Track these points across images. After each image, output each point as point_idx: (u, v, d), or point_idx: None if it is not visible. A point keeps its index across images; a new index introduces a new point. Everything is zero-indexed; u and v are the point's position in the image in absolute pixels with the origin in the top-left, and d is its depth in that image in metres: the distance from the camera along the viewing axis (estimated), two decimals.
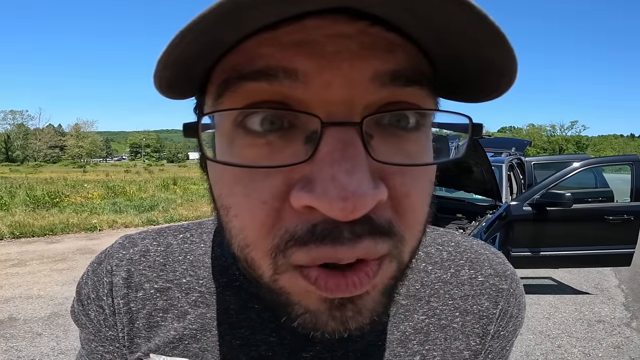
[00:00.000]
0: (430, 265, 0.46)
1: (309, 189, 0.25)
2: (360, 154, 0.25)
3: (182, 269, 0.44)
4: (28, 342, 3.20)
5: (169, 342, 0.42)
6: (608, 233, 3.95)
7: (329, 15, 0.25)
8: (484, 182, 3.55)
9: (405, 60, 0.27)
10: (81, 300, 0.46)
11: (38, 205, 9.47)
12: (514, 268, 0.49)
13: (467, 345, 0.44)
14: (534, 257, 4.03)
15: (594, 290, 4.68)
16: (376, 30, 0.26)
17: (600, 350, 3.19)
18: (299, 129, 0.27)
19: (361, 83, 0.26)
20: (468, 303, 0.45)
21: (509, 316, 0.46)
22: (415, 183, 0.28)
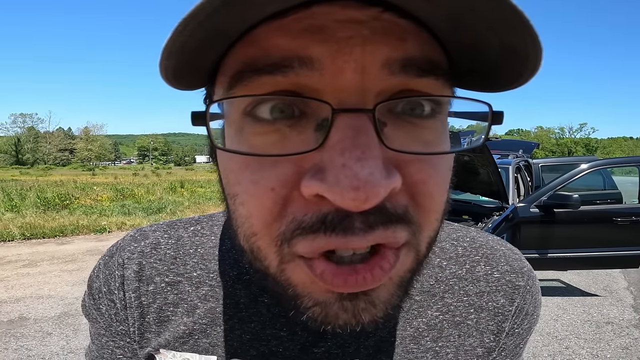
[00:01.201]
0: (445, 260, 0.45)
1: (320, 177, 0.24)
2: (373, 141, 0.24)
3: (192, 262, 0.44)
4: (38, 341, 3.24)
5: (179, 337, 0.42)
6: (616, 235, 3.92)
7: (338, 1, 0.24)
8: (490, 184, 3.54)
9: (418, 48, 0.26)
10: (92, 294, 0.46)
11: (48, 207, 9.61)
12: (530, 265, 0.48)
13: (481, 342, 0.43)
14: (541, 259, 4.00)
15: (602, 292, 4.63)
16: (388, 17, 0.25)
17: (608, 352, 3.17)
18: (310, 116, 0.26)
19: (373, 69, 0.25)
20: (483, 300, 0.44)
21: (525, 313, 0.45)
22: (432, 171, 0.28)
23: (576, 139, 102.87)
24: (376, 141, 0.25)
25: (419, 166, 0.27)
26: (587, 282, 5.02)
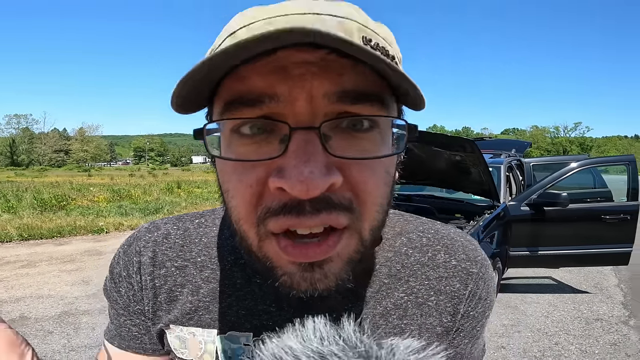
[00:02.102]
0: (410, 249, 0.51)
1: (280, 175, 0.33)
2: (317, 150, 0.33)
3: (197, 249, 0.51)
4: (40, 339, 3.28)
5: (186, 313, 0.49)
6: (605, 232, 3.98)
7: (295, 46, 0.32)
8: (481, 182, 3.61)
9: (353, 82, 0.34)
10: (113, 278, 0.53)
11: (45, 209, 9.61)
12: (485, 255, 0.54)
13: (440, 322, 0.50)
14: (532, 256, 4.07)
15: (593, 290, 4.71)
16: (332, 57, 0.33)
17: (597, 348, 3.23)
18: (276, 133, 0.35)
19: (318, 98, 0.34)
20: (442, 284, 0.50)
21: (478, 298, 0.51)
22: (370, 172, 0.36)
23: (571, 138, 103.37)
24: (320, 149, 0.33)
25: (359, 168, 0.35)
26: (579, 279, 5.10)
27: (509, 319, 3.77)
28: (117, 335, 0.54)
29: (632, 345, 3.27)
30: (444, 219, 3.81)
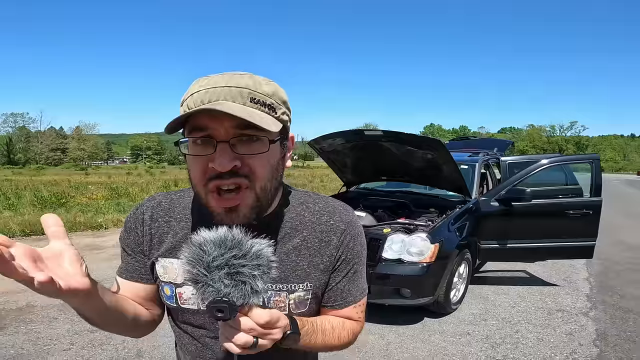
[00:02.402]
0: (307, 213, 0.82)
1: (212, 162, 0.65)
2: (227, 151, 0.65)
3: (177, 210, 0.83)
4: (46, 325, 3.51)
5: (168, 250, 0.80)
6: (570, 226, 4.25)
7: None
8: (452, 179, 3.91)
9: (245, 122, 0.64)
10: (126, 230, 0.84)
11: (45, 206, 9.85)
12: (357, 218, 0.85)
13: (322, 261, 0.79)
14: (501, 249, 4.33)
15: (562, 283, 4.96)
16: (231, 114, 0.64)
17: (553, 337, 3.44)
18: (211, 143, 0.66)
19: (228, 129, 0.66)
20: (324, 236, 0.79)
21: (346, 246, 0.80)
22: (257, 160, 0.68)
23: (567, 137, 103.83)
24: (229, 151, 0.66)
25: (251, 159, 0.68)
26: (550, 273, 5.37)
27: (478, 309, 4.04)
28: (125, 270, 0.84)
29: (587, 335, 3.47)
30: (420, 213, 4.12)
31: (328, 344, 0.79)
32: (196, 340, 0.83)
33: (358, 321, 0.87)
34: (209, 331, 0.81)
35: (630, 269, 5.65)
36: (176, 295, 0.80)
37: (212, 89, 0.67)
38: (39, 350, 3.03)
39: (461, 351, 3.15)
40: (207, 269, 0.56)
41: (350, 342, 0.86)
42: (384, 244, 3.44)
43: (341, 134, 3.99)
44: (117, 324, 0.75)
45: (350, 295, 0.83)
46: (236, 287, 0.56)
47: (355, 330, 0.86)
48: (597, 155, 4.47)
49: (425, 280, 3.39)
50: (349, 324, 0.84)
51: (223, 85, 0.67)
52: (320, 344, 0.78)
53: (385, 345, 3.24)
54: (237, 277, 0.56)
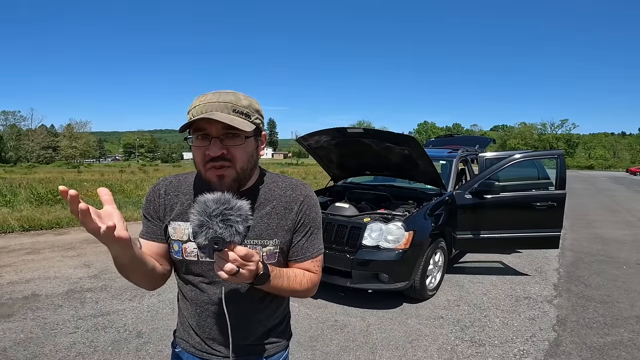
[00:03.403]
0: (277, 188, 1.11)
1: (208, 150, 0.98)
2: (218, 143, 0.98)
3: (184, 186, 1.11)
4: (51, 311, 3.73)
5: (177, 215, 1.08)
6: (537, 218, 4.57)
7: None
8: (428, 173, 4.23)
9: (229, 125, 0.97)
10: (147, 201, 1.12)
11: (42, 202, 10.02)
12: (313, 192, 1.16)
13: (286, 224, 1.08)
14: (475, 239, 4.63)
15: (533, 273, 5.27)
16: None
17: (516, 321, 3.70)
18: (208, 138, 0.99)
19: (219, 129, 0.98)
20: (288, 204, 1.09)
21: (303, 212, 1.10)
22: (238, 149, 1.00)
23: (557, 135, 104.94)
24: (219, 143, 0.99)
25: (234, 149, 1.00)
26: (524, 263, 5.70)
27: (453, 295, 4.36)
28: (145, 232, 1.14)
29: (547, 320, 3.73)
30: (399, 204, 4.44)
31: (292, 287, 1.08)
32: (195, 286, 1.11)
33: (316, 273, 1.14)
34: (204, 278, 1.09)
35: (600, 261, 6.00)
36: (182, 250, 1.08)
37: (208, 104, 0.98)
38: (47, 334, 3.27)
39: (433, 333, 3.46)
40: (208, 217, 0.85)
41: (310, 289, 1.13)
42: (364, 232, 3.75)
43: (326, 132, 4.29)
44: (141, 272, 1.03)
45: (309, 251, 1.12)
46: (226, 229, 0.84)
47: (314, 280, 1.13)
48: (562, 151, 4.82)
49: (401, 265, 3.70)
50: (308, 275, 1.12)
51: (214, 101, 0.98)
52: (286, 287, 1.04)
53: (365, 327, 3.56)
54: (227, 222, 0.85)
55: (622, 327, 3.64)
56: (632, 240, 7.59)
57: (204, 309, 1.11)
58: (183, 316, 1.18)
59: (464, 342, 3.30)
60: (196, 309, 1.13)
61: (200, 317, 1.12)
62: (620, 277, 5.19)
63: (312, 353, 3.07)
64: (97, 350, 3.02)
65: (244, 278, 0.89)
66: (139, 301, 4.01)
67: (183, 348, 1.18)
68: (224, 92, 1.01)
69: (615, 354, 3.13)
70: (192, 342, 1.15)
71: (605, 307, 4.13)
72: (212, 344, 1.13)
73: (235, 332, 1.07)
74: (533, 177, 5.26)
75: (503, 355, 3.09)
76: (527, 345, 3.25)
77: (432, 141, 7.83)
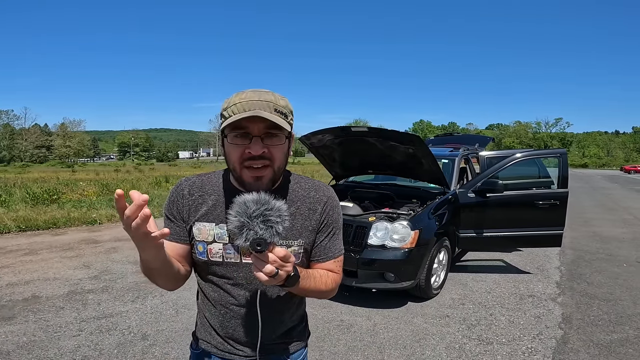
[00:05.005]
0: (300, 189, 1.11)
1: (249, 149, 0.96)
2: (259, 143, 0.97)
3: (208, 186, 1.09)
4: (53, 314, 3.67)
5: (202, 216, 1.06)
6: (540, 216, 4.57)
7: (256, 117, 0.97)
8: (432, 172, 4.21)
9: (272, 124, 0.97)
10: (170, 202, 1.09)
11: (37, 202, 9.91)
12: (334, 193, 1.15)
13: (311, 224, 1.09)
14: (477, 237, 4.63)
15: (535, 271, 5.28)
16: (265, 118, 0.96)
17: (522, 319, 3.71)
18: (248, 136, 0.97)
19: (261, 128, 0.97)
20: (312, 205, 1.09)
21: (327, 212, 1.11)
22: (277, 150, 0.99)
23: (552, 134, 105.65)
24: (260, 142, 0.97)
25: (274, 148, 0.99)
26: (525, 262, 5.72)
27: (458, 294, 4.36)
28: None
29: (553, 318, 3.74)
30: (402, 203, 4.42)
31: (318, 287, 1.07)
32: (219, 287, 1.10)
33: (337, 273, 1.15)
34: (228, 279, 1.08)
35: (600, 259, 6.03)
36: (207, 250, 1.07)
37: (250, 102, 0.95)
38: (50, 337, 3.21)
39: (440, 331, 3.46)
40: (249, 218, 0.83)
41: (334, 289, 1.13)
42: (369, 231, 3.73)
43: (329, 130, 4.26)
44: (168, 275, 1.02)
45: (331, 251, 1.13)
46: (267, 230, 0.82)
47: (337, 280, 1.15)
48: (564, 150, 4.83)
49: (406, 264, 3.69)
50: (332, 275, 1.12)
51: (256, 99, 0.96)
52: (313, 287, 1.05)
53: (372, 326, 3.54)
54: (267, 223, 0.83)
55: (627, 324, 3.66)
56: (630, 238, 7.64)
57: (228, 310, 1.11)
58: (204, 317, 1.17)
59: (471, 340, 3.30)
60: (220, 309, 1.12)
61: (224, 317, 1.12)
62: (622, 275, 5.22)
63: (319, 353, 3.05)
64: (103, 353, 2.98)
65: (281, 279, 0.88)
66: (142, 302, 3.97)
67: (204, 349, 1.17)
68: (263, 91, 1.00)
69: (622, 351, 3.14)
70: (214, 343, 1.15)
71: (608, 304, 4.14)
72: (235, 345, 1.13)
73: (262, 333, 1.08)
74: (534, 175, 5.26)
75: (511, 353, 3.09)
76: (535, 343, 3.25)
77: (432, 140, 7.83)
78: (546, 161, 5.17)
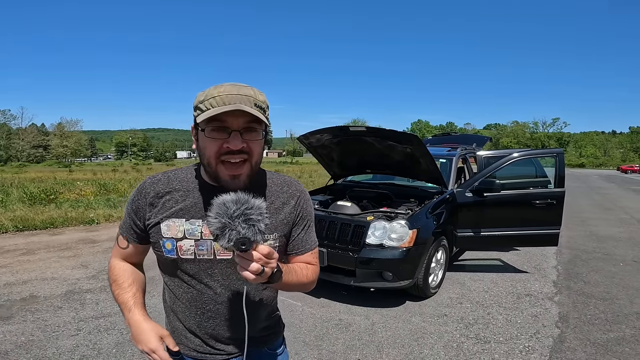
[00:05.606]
0: (273, 185, 1.13)
1: (227, 143, 0.95)
2: (238, 136, 0.96)
3: (175, 183, 1.07)
4: (52, 313, 3.67)
5: (171, 213, 1.03)
6: (536, 216, 4.59)
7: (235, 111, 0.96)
8: (430, 171, 4.22)
9: (252, 118, 0.96)
10: (133, 201, 1.07)
11: (35, 202, 9.87)
12: (304, 188, 1.18)
13: (285, 217, 1.11)
14: (475, 236, 4.64)
15: (532, 270, 5.30)
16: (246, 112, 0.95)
17: (520, 318, 3.73)
18: (226, 130, 0.95)
19: (240, 122, 0.95)
20: (286, 199, 1.12)
21: (301, 206, 1.14)
22: (254, 145, 0.99)
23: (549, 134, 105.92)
24: (239, 137, 0.96)
25: (253, 143, 0.99)
26: (522, 261, 5.74)
27: (455, 293, 4.37)
28: (129, 231, 1.11)
29: (550, 317, 3.76)
30: (400, 202, 4.44)
31: (300, 280, 1.09)
32: (191, 287, 1.08)
33: (316, 265, 1.19)
34: (202, 277, 1.06)
35: (596, 258, 6.05)
36: (177, 248, 1.04)
37: (230, 95, 0.94)
38: (48, 337, 3.21)
39: (438, 330, 3.47)
40: (230, 218, 0.82)
41: (314, 280, 1.17)
42: (367, 231, 3.74)
43: (328, 130, 4.27)
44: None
45: (308, 243, 1.16)
46: (249, 229, 0.82)
47: (316, 271, 1.18)
48: (561, 150, 4.84)
49: (404, 263, 3.70)
50: (311, 267, 1.16)
51: (236, 93, 0.94)
52: (295, 281, 1.07)
53: (370, 325, 3.55)
54: (249, 222, 0.83)
55: (624, 323, 3.68)
56: (627, 238, 7.68)
57: (205, 310, 1.08)
58: (176, 320, 1.13)
59: (469, 339, 3.31)
60: (196, 310, 1.09)
61: (202, 318, 1.09)
62: (618, 274, 5.24)
63: (318, 352, 3.06)
64: (102, 352, 2.98)
65: (266, 277, 0.88)
66: None
67: (184, 353, 1.13)
68: (242, 85, 0.99)
69: (619, 350, 3.16)
70: (193, 345, 1.12)
71: (605, 303, 4.16)
72: (215, 344, 1.11)
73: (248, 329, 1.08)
74: (531, 175, 5.28)
75: (509, 351, 3.11)
76: (532, 342, 3.26)
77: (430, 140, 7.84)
78: (543, 161, 5.19)
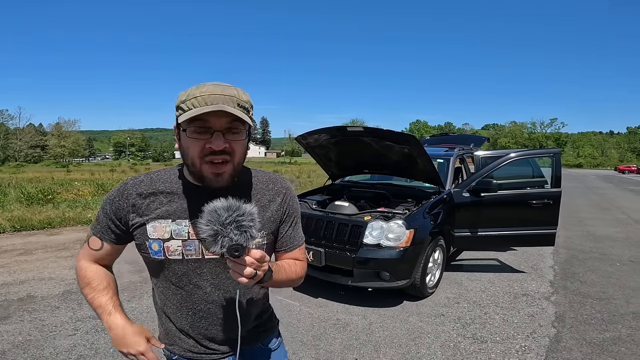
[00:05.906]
0: (259, 183, 1.13)
1: (210, 143, 0.94)
2: (221, 137, 0.95)
3: (158, 184, 1.05)
4: (49, 313, 3.66)
5: (156, 215, 1.02)
6: (533, 216, 4.60)
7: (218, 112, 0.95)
8: (427, 172, 4.23)
9: (234, 117, 0.95)
10: (112, 202, 1.04)
11: (32, 202, 9.85)
12: (290, 185, 1.19)
13: (272, 215, 1.12)
14: (472, 236, 4.65)
15: (529, 270, 5.31)
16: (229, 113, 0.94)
17: (516, 318, 3.74)
18: (209, 130, 0.95)
19: (222, 123, 0.95)
20: (272, 197, 1.12)
21: (287, 203, 1.15)
22: (238, 145, 0.99)
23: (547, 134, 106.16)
24: (222, 137, 0.95)
25: (235, 144, 0.98)
26: (519, 261, 5.75)
27: (452, 293, 4.38)
28: (105, 231, 1.08)
29: (546, 317, 3.77)
30: (398, 202, 4.45)
31: (290, 277, 1.12)
32: (180, 288, 1.07)
33: (303, 260, 1.21)
34: (191, 278, 1.06)
35: (593, 258, 6.08)
36: (164, 249, 1.03)
37: (213, 95, 0.93)
38: (46, 337, 3.21)
39: (435, 330, 3.48)
40: (222, 225, 0.82)
41: (302, 276, 1.19)
42: (364, 230, 3.75)
43: (326, 130, 4.28)
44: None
45: (296, 240, 1.18)
46: (242, 235, 0.83)
47: (304, 267, 1.21)
48: (558, 150, 4.86)
49: (402, 263, 3.71)
50: (299, 263, 1.18)
51: (219, 93, 0.93)
52: (285, 278, 1.09)
53: (367, 325, 3.56)
54: (241, 228, 0.83)
55: (620, 323, 3.70)
56: (623, 238, 7.71)
57: (196, 310, 1.09)
58: (169, 321, 1.14)
59: (466, 339, 3.32)
60: (188, 311, 1.09)
61: (193, 318, 1.10)
62: (614, 273, 5.26)
63: (315, 352, 3.07)
64: (99, 352, 2.98)
65: (259, 279, 0.90)
66: (137, 302, 3.96)
67: (179, 354, 1.14)
68: (225, 85, 0.98)
69: (615, 350, 3.17)
70: (186, 346, 1.13)
71: (601, 303, 4.18)
72: (209, 344, 1.12)
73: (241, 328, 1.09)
74: (528, 175, 5.29)
75: (505, 351, 3.12)
76: (529, 342, 3.28)
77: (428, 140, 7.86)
78: (540, 161, 5.21)
